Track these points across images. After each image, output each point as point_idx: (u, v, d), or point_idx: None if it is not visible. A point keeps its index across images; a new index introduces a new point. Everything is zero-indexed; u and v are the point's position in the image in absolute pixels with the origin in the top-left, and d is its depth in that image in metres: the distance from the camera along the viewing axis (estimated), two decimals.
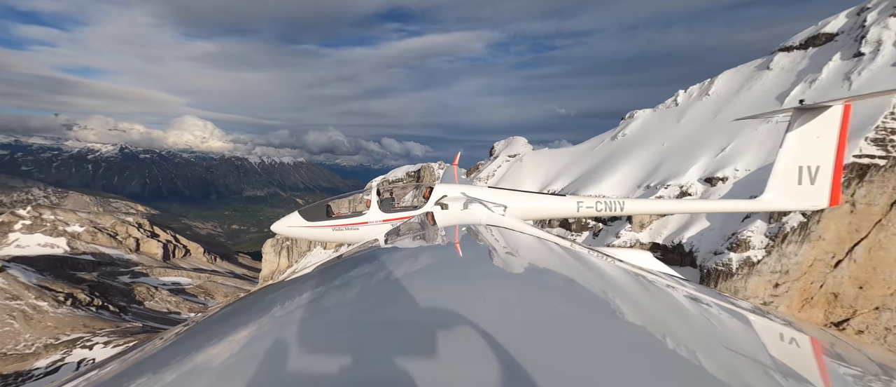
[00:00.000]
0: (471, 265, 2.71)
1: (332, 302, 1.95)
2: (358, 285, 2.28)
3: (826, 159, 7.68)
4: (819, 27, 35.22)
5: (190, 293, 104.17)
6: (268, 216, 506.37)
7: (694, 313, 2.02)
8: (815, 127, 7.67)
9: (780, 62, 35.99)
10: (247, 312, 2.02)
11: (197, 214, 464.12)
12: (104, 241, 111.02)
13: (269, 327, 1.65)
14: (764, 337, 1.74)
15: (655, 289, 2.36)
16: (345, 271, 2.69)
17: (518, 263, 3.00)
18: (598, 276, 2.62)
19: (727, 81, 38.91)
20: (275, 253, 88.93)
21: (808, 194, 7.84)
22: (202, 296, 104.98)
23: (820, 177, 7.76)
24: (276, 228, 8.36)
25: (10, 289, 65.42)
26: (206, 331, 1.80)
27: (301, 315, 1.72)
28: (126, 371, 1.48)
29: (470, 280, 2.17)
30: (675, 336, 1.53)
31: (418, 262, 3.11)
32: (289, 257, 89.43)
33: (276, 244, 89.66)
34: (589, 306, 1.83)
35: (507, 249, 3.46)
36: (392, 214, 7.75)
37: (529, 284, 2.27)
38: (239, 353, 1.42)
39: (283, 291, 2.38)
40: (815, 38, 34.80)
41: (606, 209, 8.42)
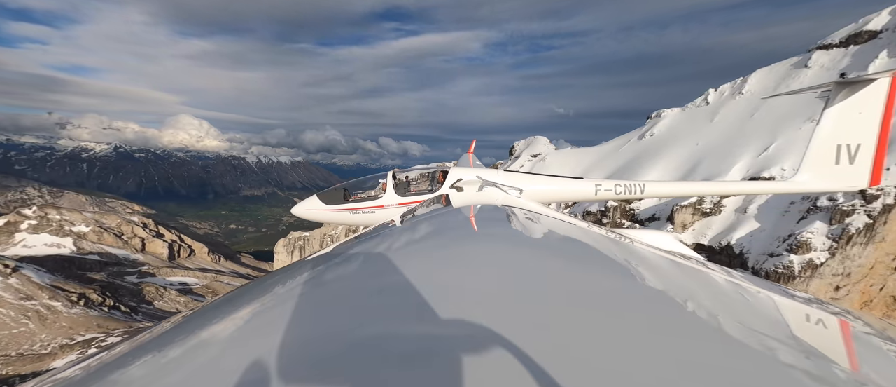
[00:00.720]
0: (486, 245, 2.69)
1: (349, 279, 1.99)
2: (374, 263, 2.28)
3: (868, 136, 7.27)
4: (860, 25, 35.36)
5: (198, 293, 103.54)
6: (266, 216, 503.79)
7: (718, 292, 2.00)
8: (858, 102, 7.26)
9: (819, 60, 35.99)
10: (268, 288, 2.05)
11: (194, 213, 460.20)
12: (110, 241, 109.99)
13: (286, 303, 1.65)
14: (790, 316, 1.73)
15: (678, 269, 2.33)
16: (362, 250, 2.73)
17: (534, 243, 2.98)
18: (617, 256, 2.58)
19: (761, 80, 39.05)
20: (287, 252, 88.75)
21: (847, 174, 7.45)
22: (210, 296, 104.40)
23: (860, 155, 7.38)
24: (296, 211, 8.64)
25: (24, 289, 64.72)
26: (224, 309, 1.81)
27: (318, 292, 1.77)
28: (165, 338, 1.50)
29: (485, 260, 2.17)
30: (698, 315, 1.51)
31: (433, 242, 3.10)
32: (301, 256, 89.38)
33: (289, 244, 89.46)
34: (609, 286, 1.81)
35: (523, 229, 3.43)
36: (408, 197, 7.84)
37: (545, 263, 2.23)
38: (258, 330, 1.42)
39: (302, 268, 2.40)
40: (856, 35, 34.81)
41: (625, 192, 8.16)
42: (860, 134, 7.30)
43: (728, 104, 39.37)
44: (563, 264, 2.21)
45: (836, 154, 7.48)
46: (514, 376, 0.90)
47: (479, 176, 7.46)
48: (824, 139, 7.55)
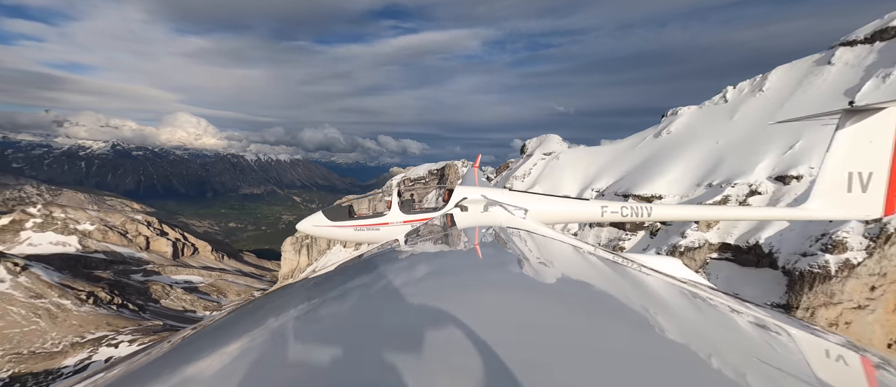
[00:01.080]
0: (489, 268, 2.71)
1: (350, 302, 1.97)
2: (376, 286, 2.26)
3: (880, 165, 7.24)
4: (886, 21, 35.05)
5: (203, 291, 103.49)
6: (265, 214, 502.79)
7: (723, 322, 1.96)
8: (868, 130, 7.27)
9: (843, 57, 35.47)
10: (262, 312, 2.02)
11: (193, 211, 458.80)
12: (115, 239, 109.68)
13: (284, 327, 1.67)
14: (805, 350, 1.69)
15: (683, 297, 2.27)
16: (364, 271, 2.70)
17: (537, 266, 2.95)
18: (622, 282, 2.57)
19: (782, 77, 38.69)
20: (295, 251, 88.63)
21: (860, 203, 7.41)
22: (215, 294, 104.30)
23: (873, 184, 7.33)
24: (301, 227, 8.53)
25: (33, 287, 64.58)
26: (220, 332, 1.82)
27: (317, 316, 1.75)
28: (141, 370, 1.48)
29: (487, 283, 2.17)
30: (700, 346, 1.49)
31: (436, 264, 3.10)
32: (309, 255, 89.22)
33: (296, 242, 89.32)
34: (610, 313, 1.81)
35: (526, 252, 3.41)
36: (412, 215, 7.82)
37: (546, 288, 2.23)
38: (252, 355, 1.42)
39: (301, 290, 2.39)
40: (882, 31, 34.46)
41: (632, 215, 8.18)
42: (872, 163, 7.28)
43: (748, 102, 39.12)
44: (567, 293, 2.17)
45: (848, 182, 7.45)
46: None
47: (484, 195, 7.35)
48: (836, 166, 7.52)
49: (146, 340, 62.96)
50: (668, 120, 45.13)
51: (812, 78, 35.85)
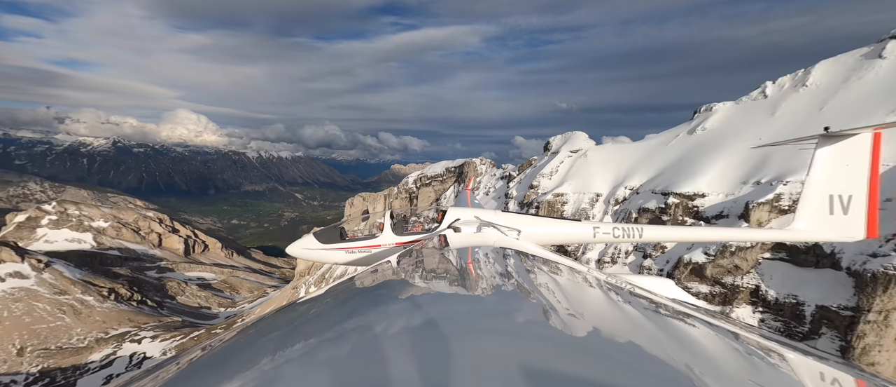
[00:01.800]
0: (482, 289, 2.71)
1: (342, 323, 1.97)
2: (368, 307, 2.28)
3: (859, 189, 7.38)
4: None
5: (216, 288, 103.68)
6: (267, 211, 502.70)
7: (711, 344, 1.97)
8: (844, 154, 7.44)
9: (895, 51, 34.76)
10: (263, 336, 2.04)
11: (195, 209, 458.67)
12: (128, 236, 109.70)
13: (285, 348, 1.71)
14: (799, 372, 1.70)
15: (671, 318, 2.29)
16: (355, 293, 2.70)
17: (529, 287, 2.96)
18: (615, 303, 2.60)
19: (826, 72, 37.87)
20: None
21: (842, 225, 7.55)
22: (228, 291, 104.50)
23: (853, 207, 7.46)
24: (291, 251, 8.36)
25: (57, 284, 64.69)
26: (224, 354, 1.84)
27: (315, 337, 1.79)
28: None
29: (480, 304, 2.20)
30: (687, 367, 1.50)
31: (429, 284, 3.07)
32: None
33: None
34: (604, 333, 1.83)
35: (519, 273, 3.44)
36: (405, 236, 7.74)
37: (540, 307, 2.24)
38: (256, 376, 1.44)
39: (298, 312, 2.41)
40: None
41: (624, 236, 8.23)
42: (850, 186, 7.43)
43: (790, 97, 38.39)
44: (561, 313, 2.19)
45: (829, 204, 7.59)
46: None
47: (477, 216, 7.34)
48: (816, 189, 7.68)
49: (168, 336, 63.20)
50: (702, 116, 44.65)
51: (860, 73, 35.05)
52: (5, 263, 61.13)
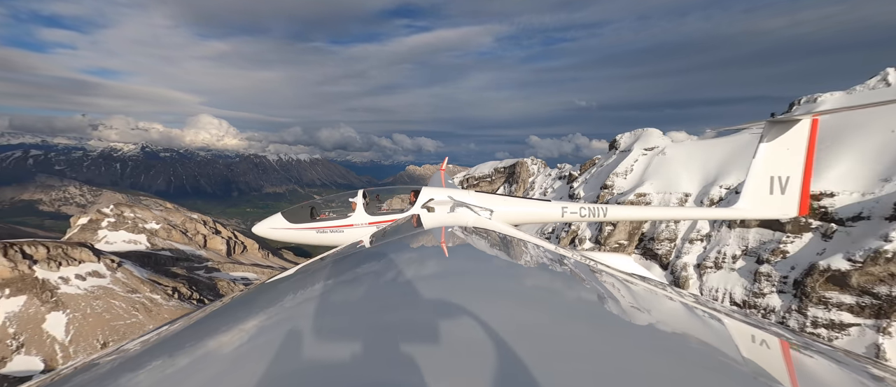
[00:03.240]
0: (455, 267, 2.74)
1: (314, 303, 1.97)
2: (340, 287, 2.29)
3: (795, 170, 8.04)
4: None
5: None
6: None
7: (671, 315, 2.06)
8: (786, 139, 8.05)
9: None
10: (229, 313, 2.07)
11: (220, 210, 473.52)
12: (178, 237, 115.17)
13: (250, 326, 1.72)
14: (738, 340, 1.79)
15: (631, 291, 2.41)
16: (327, 272, 2.68)
17: (502, 265, 3.03)
18: (576, 278, 2.70)
19: None
20: None
21: (779, 203, 8.17)
22: None
23: (790, 187, 8.09)
24: (257, 230, 8.13)
25: (129, 283, 69.08)
26: (195, 329, 1.87)
27: (281, 315, 1.79)
28: (123, 365, 1.53)
29: (453, 282, 2.23)
30: (649, 338, 1.57)
31: (402, 264, 3.08)
32: None
33: None
34: (567, 309, 1.88)
35: (491, 251, 3.52)
36: (378, 216, 7.64)
37: (510, 285, 2.30)
38: (223, 351, 1.48)
39: (261, 294, 2.42)
40: None
41: (589, 215, 8.56)
42: (789, 167, 8.09)
43: None
44: (529, 288, 2.28)
45: (769, 185, 8.23)
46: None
47: (450, 196, 7.41)
48: (760, 171, 8.30)
49: None
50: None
51: None
52: (85, 263, 65.78)
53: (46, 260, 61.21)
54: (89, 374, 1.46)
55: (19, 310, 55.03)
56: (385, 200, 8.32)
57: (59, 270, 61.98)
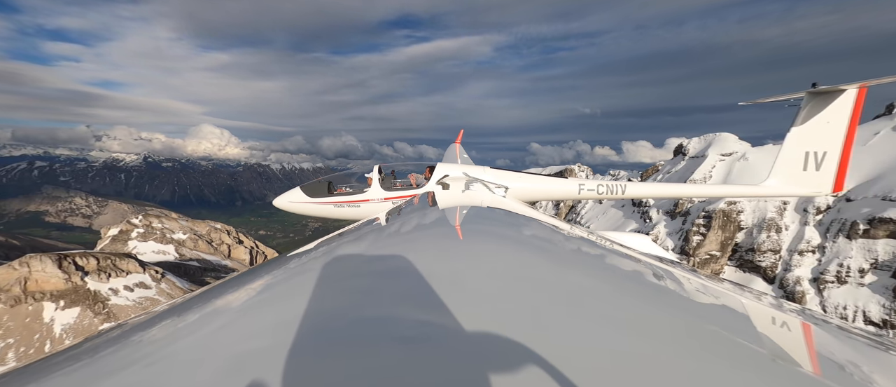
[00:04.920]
0: (469, 245, 2.72)
1: (332, 276, 2.00)
2: (356, 261, 2.29)
3: (834, 145, 7.51)
4: None
5: None
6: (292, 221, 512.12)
7: (691, 295, 2.04)
8: (827, 112, 7.45)
9: None
10: (252, 285, 2.08)
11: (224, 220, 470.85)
12: (203, 247, 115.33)
13: (270, 298, 1.74)
14: (758, 320, 1.76)
15: (651, 271, 2.37)
16: (345, 246, 2.72)
17: (516, 243, 3.00)
18: (595, 257, 2.67)
19: None
20: None
21: (813, 181, 7.71)
22: None
23: (826, 163, 7.59)
24: (278, 203, 8.35)
25: (173, 293, 69.25)
26: (211, 295, 1.91)
27: (301, 288, 1.78)
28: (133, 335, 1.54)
29: (467, 260, 2.21)
30: (668, 317, 1.55)
31: (417, 240, 3.11)
32: None
33: None
34: (581, 288, 1.86)
35: (506, 229, 3.50)
36: (393, 192, 7.69)
37: (522, 266, 2.26)
38: (238, 318, 1.51)
39: (285, 263, 2.44)
40: None
41: (608, 192, 8.29)
42: (827, 142, 7.55)
43: None
44: (544, 268, 2.24)
45: (804, 161, 7.75)
46: (480, 377, 0.93)
47: (465, 173, 7.38)
48: (794, 146, 7.84)
49: None
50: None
51: None
52: (132, 274, 66.04)
53: (97, 271, 61.49)
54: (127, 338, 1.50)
55: (74, 322, 55.17)
56: (400, 176, 8.32)
57: (108, 281, 62.22)
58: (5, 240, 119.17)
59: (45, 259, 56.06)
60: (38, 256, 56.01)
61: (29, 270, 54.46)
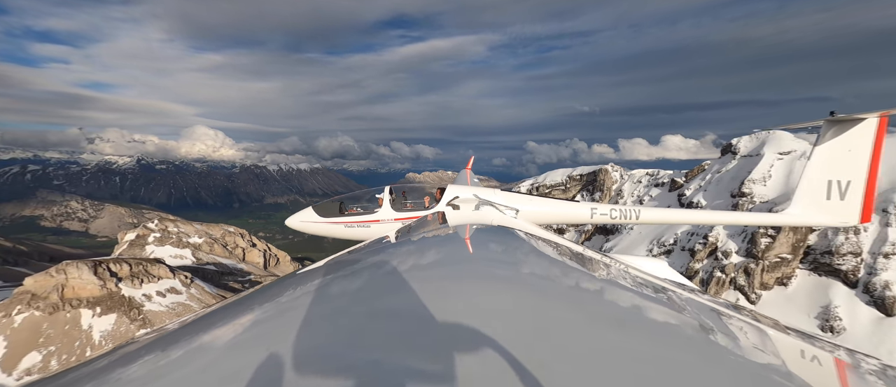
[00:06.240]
0: (478, 266, 2.70)
1: (339, 295, 1.98)
2: (364, 280, 2.30)
3: (858, 174, 7.37)
4: None
5: None
6: None
7: (706, 323, 1.97)
8: (847, 140, 7.38)
9: None
10: (259, 302, 2.09)
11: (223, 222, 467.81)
12: (219, 251, 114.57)
13: (279, 316, 1.77)
14: (781, 351, 1.70)
15: (665, 297, 2.31)
16: (353, 265, 2.74)
17: (526, 265, 2.95)
18: (606, 282, 2.62)
19: None
20: None
21: (838, 210, 7.56)
22: None
23: (850, 193, 7.45)
24: (290, 223, 8.44)
25: (203, 298, 68.88)
26: (222, 315, 1.91)
27: (309, 306, 1.81)
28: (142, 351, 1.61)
29: (476, 280, 2.19)
30: (681, 346, 1.53)
31: (426, 260, 3.07)
32: None
33: None
34: (594, 312, 1.84)
35: (515, 251, 3.41)
36: (404, 213, 7.76)
37: (534, 286, 2.25)
38: (246, 337, 1.56)
39: (295, 282, 2.46)
40: None
41: (621, 217, 8.22)
42: (850, 171, 7.41)
43: None
44: (553, 290, 2.21)
45: (827, 190, 7.60)
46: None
47: (475, 194, 7.44)
48: (816, 174, 7.70)
49: None
50: None
51: None
52: (163, 280, 65.56)
53: (129, 277, 60.97)
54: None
55: (112, 328, 54.72)
56: (411, 196, 8.36)
57: (141, 287, 61.74)
58: (13, 246, 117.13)
59: (82, 266, 55.47)
60: (74, 264, 55.43)
61: (66, 277, 53.88)
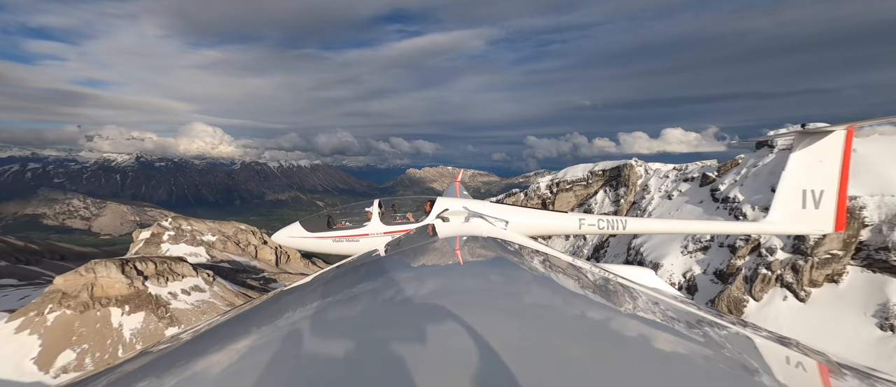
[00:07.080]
0: (469, 277, 2.71)
1: (329, 311, 1.98)
2: (354, 295, 2.31)
3: (830, 184, 7.68)
4: None
5: None
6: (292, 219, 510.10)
7: (693, 332, 1.99)
8: (818, 151, 7.72)
9: None
10: (245, 321, 2.09)
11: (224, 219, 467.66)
12: (232, 249, 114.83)
13: (267, 334, 1.78)
14: (768, 359, 1.72)
15: (654, 306, 2.33)
16: (343, 281, 2.73)
17: (516, 276, 2.97)
18: (597, 292, 2.65)
19: None
20: None
21: (813, 218, 7.85)
22: None
23: (824, 201, 7.74)
24: (276, 239, 8.26)
25: (225, 296, 69.19)
26: (212, 337, 1.95)
27: (298, 324, 1.83)
28: (137, 371, 1.59)
29: (467, 292, 2.21)
30: (670, 354, 1.54)
31: (416, 273, 3.06)
32: None
33: None
34: (584, 322, 1.86)
35: (506, 262, 3.44)
36: (393, 226, 7.70)
37: (524, 297, 2.26)
38: (238, 359, 1.53)
39: (284, 299, 2.46)
40: None
41: (608, 227, 8.33)
42: (822, 181, 7.74)
43: None
44: (543, 301, 2.22)
45: (802, 199, 7.90)
46: None
47: (465, 207, 7.49)
48: (791, 184, 8.01)
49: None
50: None
51: None
52: (187, 278, 65.76)
53: (155, 275, 61.16)
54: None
55: (141, 326, 55.00)
56: (400, 210, 8.34)
57: (166, 285, 61.96)
58: (24, 245, 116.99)
59: (110, 264, 55.60)
60: (102, 262, 55.55)
61: (95, 276, 54.00)
